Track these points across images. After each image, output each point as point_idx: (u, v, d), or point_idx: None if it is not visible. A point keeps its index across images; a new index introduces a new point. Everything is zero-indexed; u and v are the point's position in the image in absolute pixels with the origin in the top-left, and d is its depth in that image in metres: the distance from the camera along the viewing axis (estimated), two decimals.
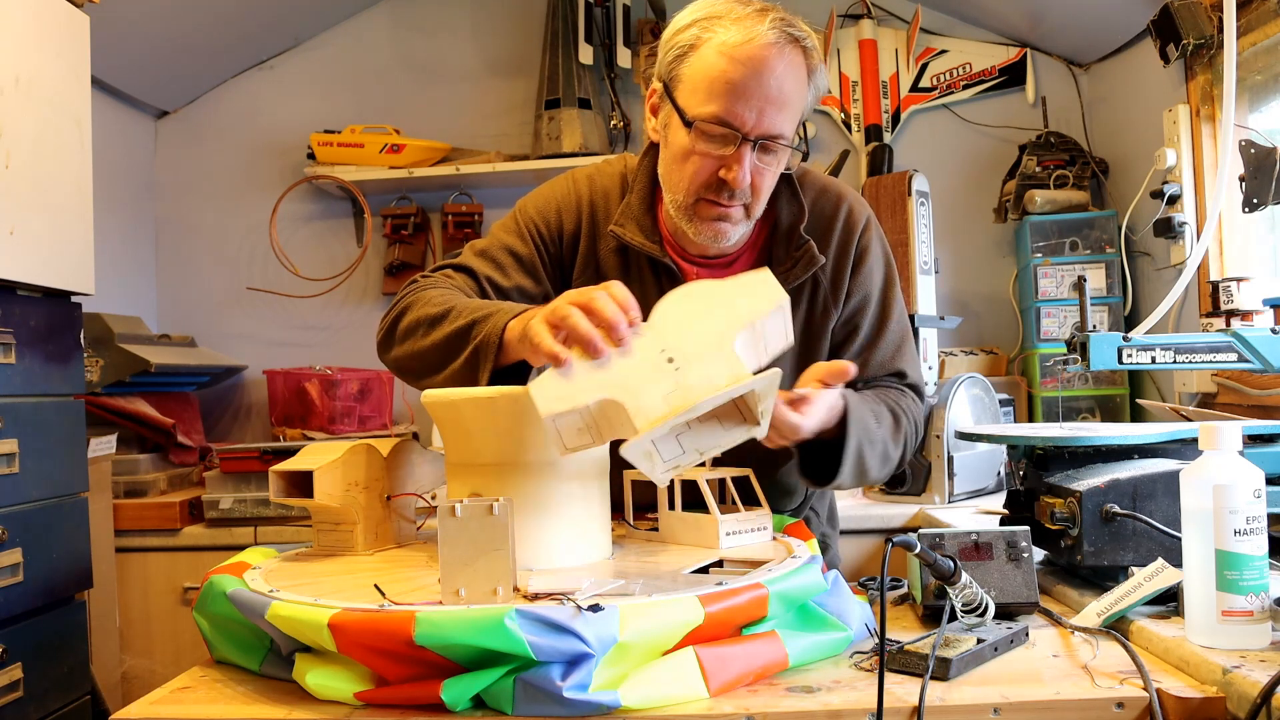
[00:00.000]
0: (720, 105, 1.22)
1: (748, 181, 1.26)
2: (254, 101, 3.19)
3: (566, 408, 0.97)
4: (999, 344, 2.94)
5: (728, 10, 1.24)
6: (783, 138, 1.25)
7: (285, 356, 3.08)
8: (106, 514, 2.27)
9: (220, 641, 1.04)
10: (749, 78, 1.21)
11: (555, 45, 2.95)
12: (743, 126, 1.23)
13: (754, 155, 1.25)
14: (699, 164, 1.27)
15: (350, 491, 1.22)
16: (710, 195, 1.28)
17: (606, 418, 0.99)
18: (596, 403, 0.97)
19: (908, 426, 1.36)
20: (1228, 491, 0.97)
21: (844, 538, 1.83)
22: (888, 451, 1.32)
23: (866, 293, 1.41)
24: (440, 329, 1.25)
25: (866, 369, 1.40)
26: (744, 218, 1.31)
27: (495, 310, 1.21)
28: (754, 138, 1.23)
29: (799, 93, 1.25)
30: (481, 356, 1.18)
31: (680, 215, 1.32)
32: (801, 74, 1.25)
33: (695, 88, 1.24)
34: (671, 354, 1.00)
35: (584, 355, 1.01)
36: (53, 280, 1.83)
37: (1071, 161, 2.80)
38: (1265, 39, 2.15)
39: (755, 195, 1.29)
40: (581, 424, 0.99)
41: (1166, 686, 0.91)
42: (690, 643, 0.92)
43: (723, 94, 1.22)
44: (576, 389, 0.98)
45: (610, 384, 0.98)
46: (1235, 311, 1.77)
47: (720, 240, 1.32)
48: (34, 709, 1.75)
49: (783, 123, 1.24)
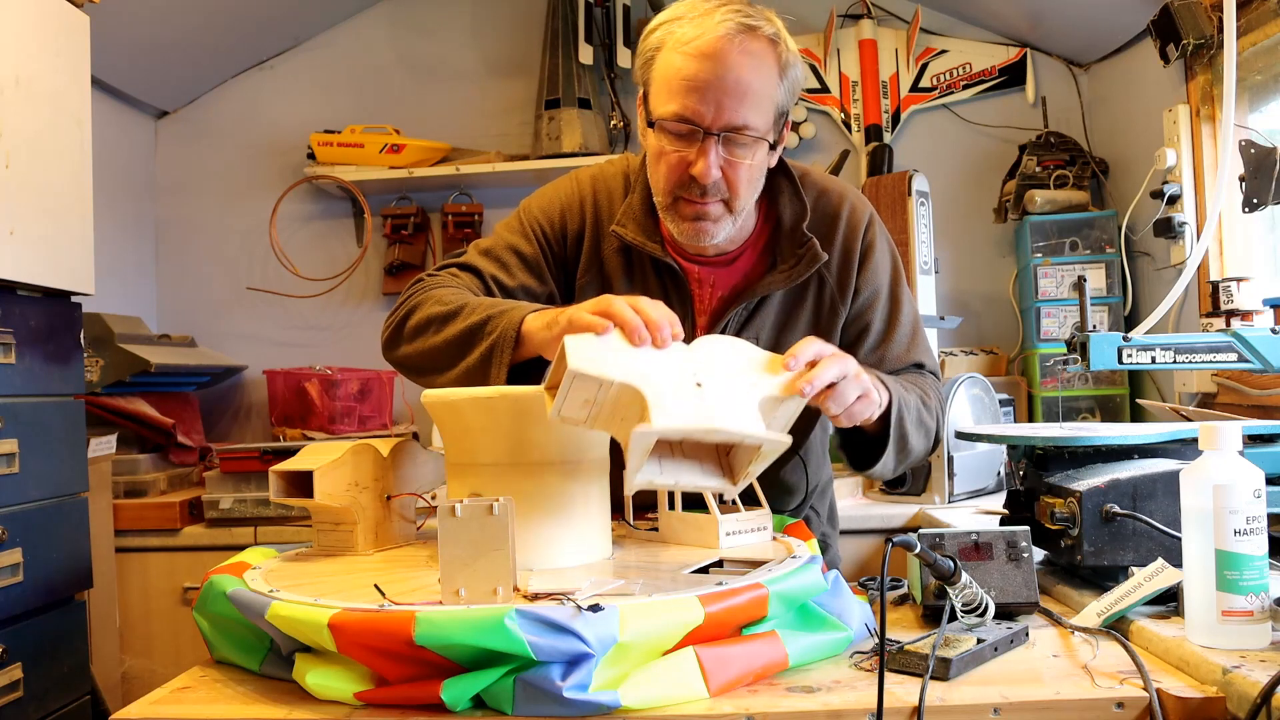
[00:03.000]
0: (679, 102, 1.23)
1: (715, 175, 1.25)
2: (254, 101, 3.19)
3: (594, 372, 0.96)
4: (999, 344, 2.94)
5: (689, 9, 1.25)
6: (749, 128, 1.24)
7: (285, 356, 3.08)
8: (106, 514, 2.27)
9: (220, 641, 1.04)
10: (703, 72, 1.21)
11: (555, 45, 2.95)
12: (702, 121, 1.23)
13: (720, 149, 1.24)
14: (669, 163, 1.27)
15: (350, 491, 1.22)
16: (685, 193, 1.28)
17: (617, 404, 0.99)
18: (620, 384, 0.97)
19: (935, 404, 1.37)
20: (1228, 491, 0.97)
21: (844, 538, 1.83)
22: (922, 417, 1.32)
23: (875, 289, 1.41)
24: (453, 325, 1.25)
25: (884, 364, 1.40)
26: (726, 214, 1.30)
27: (511, 306, 1.21)
28: (716, 131, 1.23)
29: (762, 82, 1.24)
30: (497, 351, 1.19)
31: (664, 216, 1.33)
32: (763, 61, 1.24)
33: (660, 89, 1.26)
34: (700, 380, 1.01)
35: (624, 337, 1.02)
36: (53, 280, 1.83)
37: (1071, 161, 2.80)
38: (1265, 39, 2.15)
39: (733, 190, 1.27)
40: (590, 398, 0.98)
41: (1166, 686, 0.91)
42: (690, 643, 0.92)
43: (680, 91, 1.23)
44: (610, 362, 0.99)
45: (639, 374, 0.98)
46: (1235, 311, 1.77)
47: (703, 238, 1.31)
48: (34, 709, 1.75)
49: (746, 114, 1.23)
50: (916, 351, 1.43)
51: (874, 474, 1.33)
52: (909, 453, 1.31)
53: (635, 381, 0.97)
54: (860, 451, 1.33)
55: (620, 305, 1.05)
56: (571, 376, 0.96)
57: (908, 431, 1.27)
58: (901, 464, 1.32)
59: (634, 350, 1.02)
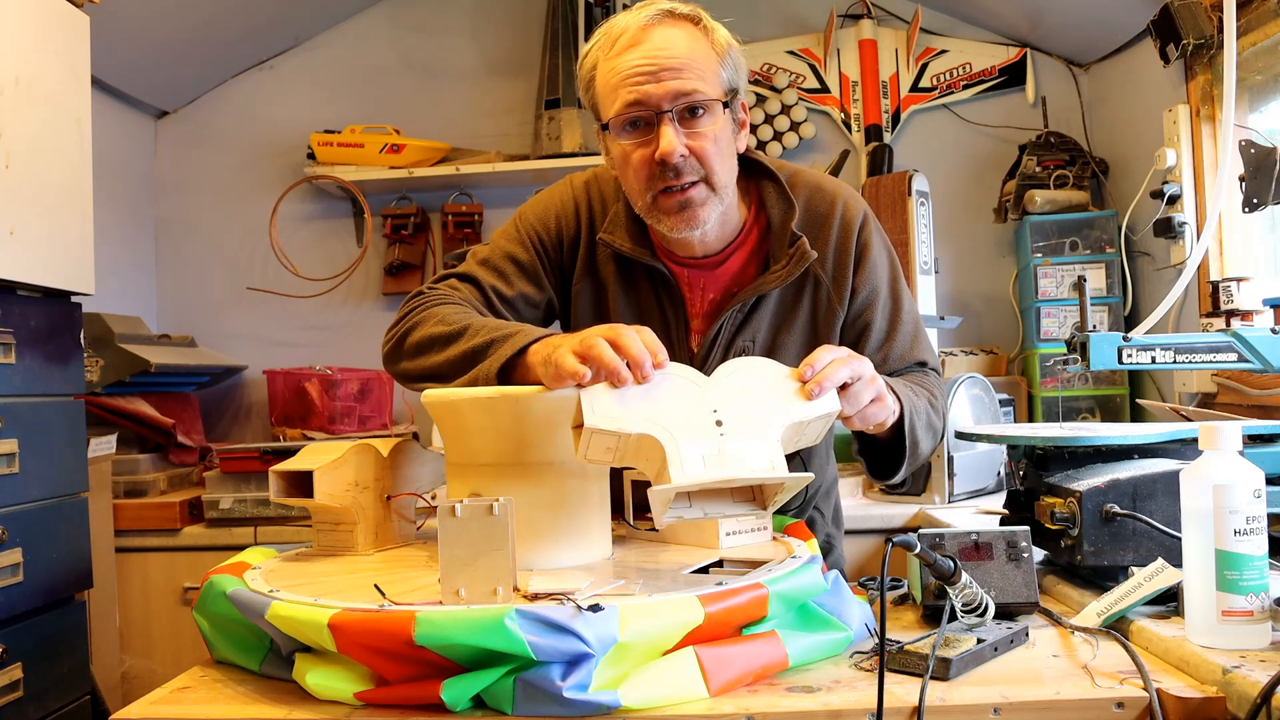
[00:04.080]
0: (622, 96, 1.25)
1: (682, 150, 1.24)
2: (254, 101, 3.19)
3: (611, 428, 0.98)
4: (999, 344, 2.94)
5: (609, 25, 1.30)
6: (698, 94, 1.24)
7: (285, 356, 3.08)
8: (106, 514, 2.27)
9: (220, 641, 1.04)
10: (635, 58, 1.24)
11: (555, 45, 2.95)
12: (649, 100, 1.24)
13: (677, 124, 1.24)
14: (636, 159, 1.27)
15: (350, 491, 1.22)
16: (660, 184, 1.27)
17: (639, 449, 1.00)
18: (637, 435, 0.98)
19: (941, 403, 1.37)
20: (1228, 491, 0.97)
21: (844, 538, 1.83)
22: (931, 420, 1.32)
23: (874, 288, 1.40)
24: (456, 346, 1.25)
25: (887, 363, 1.40)
26: (710, 194, 1.29)
27: (515, 331, 1.21)
28: (666, 107, 1.23)
29: (695, 50, 1.26)
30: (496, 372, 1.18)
31: (650, 219, 1.33)
32: (691, 34, 1.27)
33: (604, 99, 1.29)
34: (722, 418, 1.01)
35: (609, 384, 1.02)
36: (53, 280, 1.83)
37: (1071, 161, 2.80)
38: (1265, 39, 2.15)
39: (705, 164, 1.27)
40: (612, 445, 1.00)
41: (1166, 686, 0.91)
42: (690, 643, 0.92)
43: (620, 86, 1.25)
44: (625, 415, 0.99)
45: (657, 423, 0.99)
46: (1235, 311, 1.77)
47: (694, 225, 1.30)
48: (34, 709, 1.75)
49: (688, 81, 1.24)
50: (919, 350, 1.43)
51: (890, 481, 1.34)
52: (919, 457, 1.32)
53: (652, 431, 0.98)
54: (874, 459, 1.33)
55: (601, 348, 1.03)
56: (589, 433, 0.98)
57: (919, 438, 1.28)
58: (911, 467, 1.33)
59: (650, 392, 1.02)
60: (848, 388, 1.09)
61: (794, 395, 1.06)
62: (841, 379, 1.07)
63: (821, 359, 1.08)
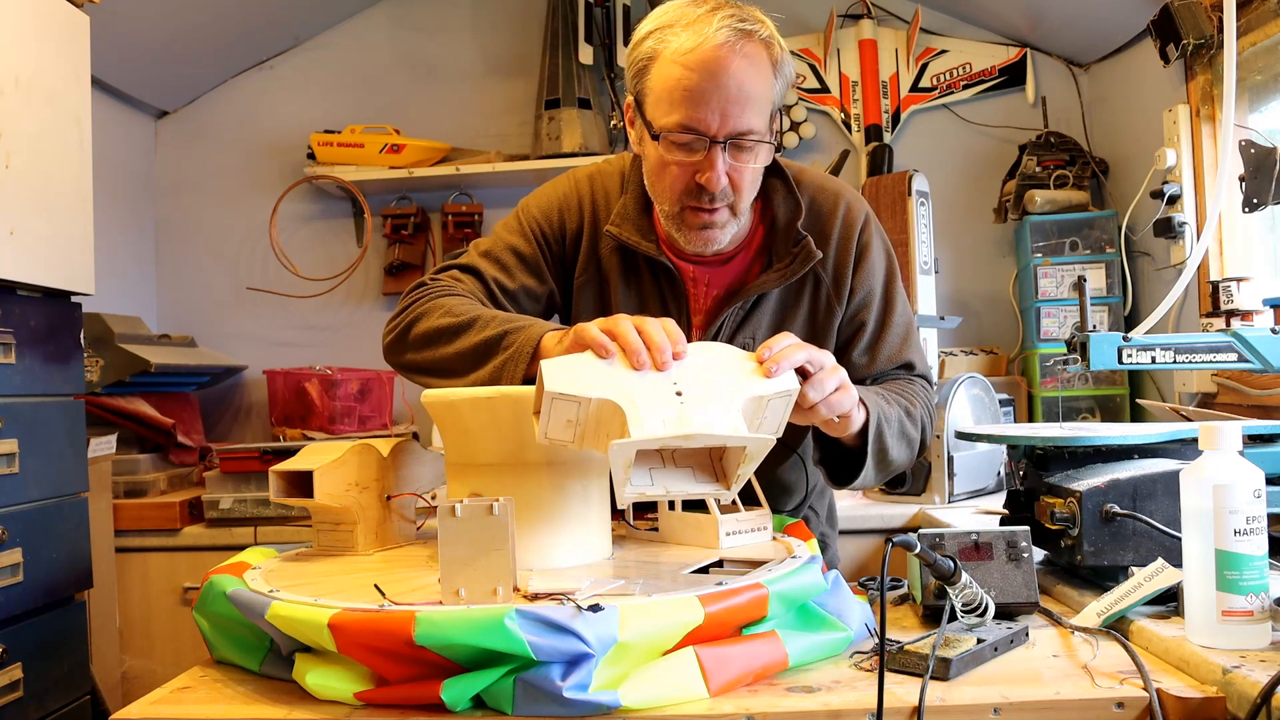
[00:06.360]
0: (683, 113, 1.22)
1: (724, 183, 1.26)
2: (254, 101, 3.19)
3: (571, 392, 0.98)
4: (999, 344, 2.94)
5: (679, 16, 1.24)
6: (752, 133, 1.24)
7: (285, 356, 3.08)
8: (106, 514, 2.27)
9: (220, 641, 1.04)
10: (705, 81, 1.21)
11: (555, 45, 2.95)
12: (708, 130, 1.22)
13: (726, 156, 1.24)
14: (675, 174, 1.27)
15: (350, 491, 1.22)
16: (692, 202, 1.28)
17: (598, 421, 1.00)
18: (598, 400, 0.98)
19: (921, 413, 1.37)
20: (1228, 491, 0.97)
21: (844, 538, 1.83)
22: (905, 429, 1.32)
23: (870, 288, 1.41)
24: (466, 337, 1.25)
25: (875, 363, 1.40)
26: (731, 218, 1.31)
27: (529, 323, 1.22)
28: (722, 139, 1.23)
29: (761, 85, 1.24)
30: (511, 365, 1.19)
31: (670, 224, 1.34)
32: (761, 65, 1.24)
33: (659, 100, 1.25)
34: (681, 388, 1.02)
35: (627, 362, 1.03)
36: (53, 280, 1.83)
37: (1071, 161, 2.80)
38: (1265, 39, 2.15)
39: (738, 193, 1.29)
40: (573, 417, 1.00)
41: (1166, 686, 0.91)
42: (690, 643, 0.92)
43: (683, 102, 1.22)
44: (585, 381, 1.00)
45: (617, 389, 0.99)
46: (1235, 311, 1.77)
47: (710, 245, 1.33)
48: (34, 709, 1.75)
49: (749, 119, 1.23)
50: (908, 352, 1.43)
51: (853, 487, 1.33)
52: (890, 465, 1.31)
53: (613, 396, 0.98)
54: (839, 466, 1.33)
55: (625, 326, 1.06)
56: (550, 398, 0.98)
57: (888, 445, 1.27)
58: (882, 476, 1.33)
59: (613, 367, 1.04)
60: (810, 376, 1.10)
61: (752, 373, 1.06)
62: (798, 361, 1.09)
63: (779, 341, 1.10)
